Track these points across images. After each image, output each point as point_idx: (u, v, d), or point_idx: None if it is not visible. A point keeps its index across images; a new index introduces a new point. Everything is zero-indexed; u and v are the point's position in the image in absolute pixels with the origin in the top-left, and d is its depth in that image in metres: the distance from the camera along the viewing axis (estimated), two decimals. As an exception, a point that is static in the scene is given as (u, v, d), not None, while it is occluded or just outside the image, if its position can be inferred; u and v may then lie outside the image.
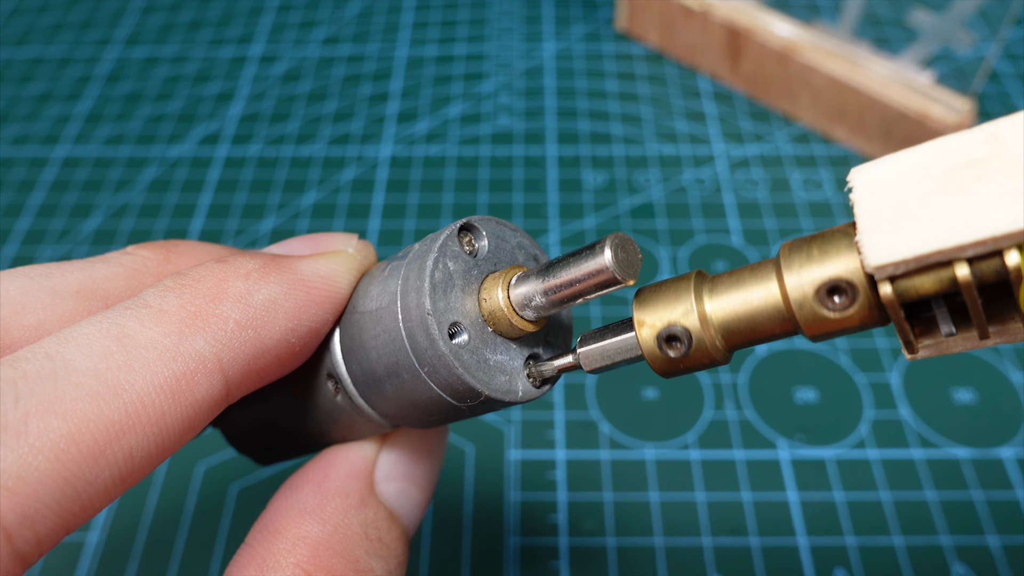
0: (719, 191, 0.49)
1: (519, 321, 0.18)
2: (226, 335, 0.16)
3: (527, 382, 0.18)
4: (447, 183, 0.50)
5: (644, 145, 0.52)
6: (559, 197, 0.49)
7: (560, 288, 0.17)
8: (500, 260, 0.19)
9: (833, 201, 0.48)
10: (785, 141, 0.52)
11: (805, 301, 0.14)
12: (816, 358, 0.41)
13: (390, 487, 0.20)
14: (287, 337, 0.17)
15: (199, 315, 0.16)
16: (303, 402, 0.21)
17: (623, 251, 0.16)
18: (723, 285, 0.15)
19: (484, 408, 0.18)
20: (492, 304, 0.18)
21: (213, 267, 0.17)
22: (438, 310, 0.17)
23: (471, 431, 0.39)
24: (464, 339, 0.17)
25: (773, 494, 0.36)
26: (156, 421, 0.15)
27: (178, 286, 0.16)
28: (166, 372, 0.15)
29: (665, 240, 0.46)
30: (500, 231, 0.19)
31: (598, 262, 0.16)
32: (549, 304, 0.17)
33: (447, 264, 0.17)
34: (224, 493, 0.37)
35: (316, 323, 0.18)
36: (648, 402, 0.39)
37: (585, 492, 0.36)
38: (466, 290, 0.18)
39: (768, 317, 0.15)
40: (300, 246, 0.21)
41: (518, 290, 0.17)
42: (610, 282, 0.16)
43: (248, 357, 0.17)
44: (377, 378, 0.18)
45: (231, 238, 0.48)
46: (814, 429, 0.38)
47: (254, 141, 0.54)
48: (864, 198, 0.14)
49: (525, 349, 0.19)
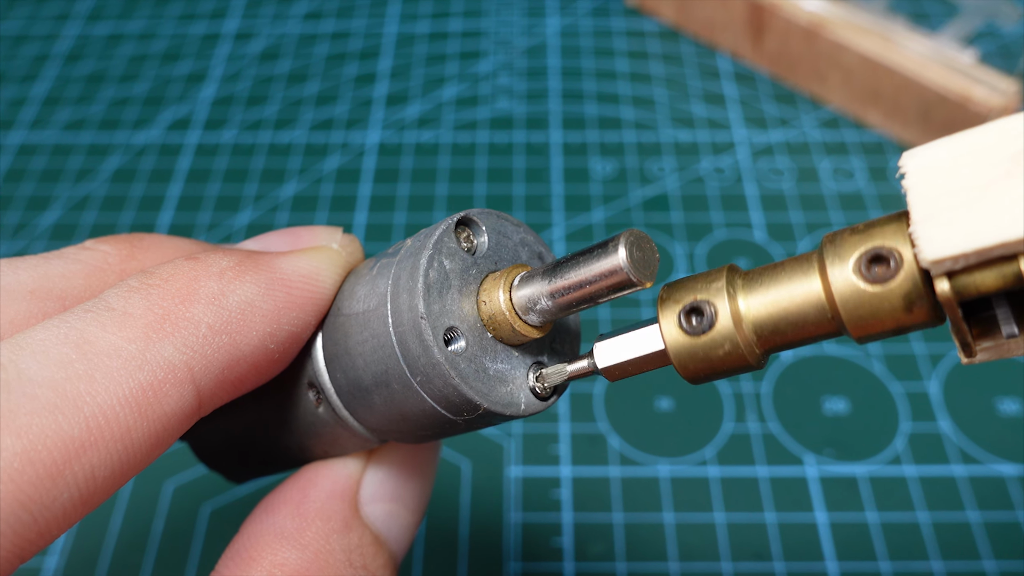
0: (740, 181, 0.49)
1: (522, 326, 0.18)
2: (197, 341, 0.16)
3: (530, 393, 0.18)
4: (441, 172, 0.50)
5: (658, 131, 0.52)
6: (564, 188, 0.49)
7: (568, 290, 0.17)
8: (501, 258, 0.19)
9: (866, 192, 0.48)
10: (813, 126, 0.52)
11: (851, 295, 0.14)
12: (847, 365, 0.41)
13: (377, 509, 0.20)
14: (265, 343, 0.17)
15: (167, 318, 0.16)
16: (282, 414, 0.21)
17: (639, 250, 0.16)
18: (758, 280, 0.15)
19: (483, 422, 0.18)
20: (492, 307, 0.18)
21: (183, 265, 0.17)
22: (432, 313, 0.17)
23: (467, 446, 0.39)
24: (461, 345, 0.17)
25: (800, 515, 0.36)
26: (120, 437, 0.15)
27: (144, 286, 0.16)
28: (131, 382, 0.15)
29: (681, 235, 0.46)
30: (501, 226, 0.19)
31: (611, 262, 0.16)
32: (556, 308, 0.17)
33: (443, 262, 0.17)
34: (195, 514, 0.37)
35: (297, 327, 0.18)
36: (662, 414, 0.39)
37: (593, 513, 0.36)
38: (464, 291, 0.18)
39: (809, 315, 0.15)
40: (279, 241, 0.21)
41: (521, 292, 0.17)
42: (624, 284, 0.16)
43: (222, 365, 0.17)
44: (364, 388, 0.18)
45: (203, 233, 0.48)
46: (845, 443, 0.38)
47: (228, 126, 0.54)
48: (918, 185, 0.14)
49: (528, 357, 0.19)
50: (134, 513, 0.37)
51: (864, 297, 0.14)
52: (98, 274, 0.18)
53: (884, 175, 0.49)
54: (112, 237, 0.20)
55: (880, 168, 0.49)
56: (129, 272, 0.19)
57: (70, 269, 0.18)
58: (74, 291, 0.18)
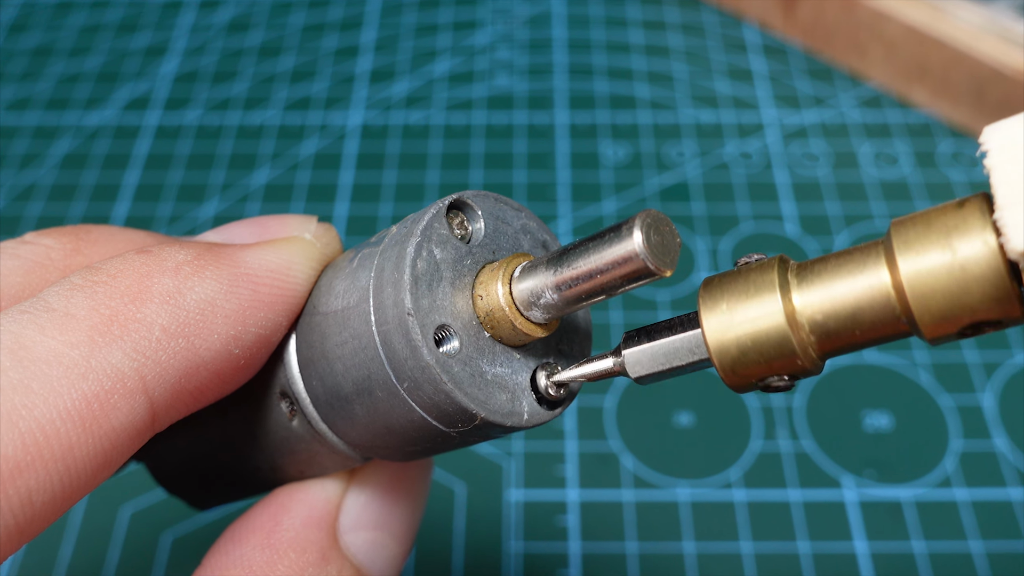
0: (770, 168, 0.49)
1: (524, 324, 0.18)
2: (150, 345, 0.16)
3: (534, 401, 0.18)
4: (432, 158, 0.50)
5: (676, 111, 0.52)
6: (571, 176, 0.49)
7: (577, 281, 0.17)
8: (500, 247, 0.19)
9: (912, 180, 0.48)
10: (851, 106, 0.52)
11: (924, 290, 0.14)
12: (890, 375, 0.41)
13: (359, 538, 0.20)
14: (228, 347, 0.17)
15: (115, 320, 0.16)
16: (250, 429, 0.21)
17: (657, 233, 0.16)
18: (815, 273, 0.15)
19: (480, 435, 0.18)
20: (490, 302, 0.18)
21: (133, 259, 0.17)
22: (421, 309, 0.17)
23: (461, 466, 0.39)
24: (454, 346, 0.17)
25: (837, 544, 0.36)
26: (62, 456, 0.14)
27: (89, 283, 0.16)
28: (74, 393, 0.15)
29: (703, 229, 0.46)
30: (500, 210, 0.19)
31: (625, 247, 0.16)
32: (563, 302, 0.17)
33: (433, 251, 0.17)
34: (154, 543, 0.37)
35: (265, 329, 0.18)
36: (681, 430, 0.39)
37: (603, 542, 0.36)
38: (457, 284, 0.18)
39: (875, 313, 0.15)
40: (244, 232, 0.21)
41: (523, 284, 0.17)
42: (641, 273, 0.16)
43: (179, 373, 0.16)
44: (343, 397, 0.18)
45: (163, 226, 0.48)
46: (888, 464, 0.38)
47: (192, 106, 0.54)
48: (1004, 164, 0.14)
49: (532, 360, 0.18)
50: (86, 542, 0.37)
51: (939, 292, 0.14)
52: (38, 271, 0.18)
53: (932, 160, 0.49)
54: (55, 229, 0.20)
55: (927, 153, 0.49)
56: (74, 268, 0.19)
57: (6, 266, 0.18)
58: (10, 290, 0.18)
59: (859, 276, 0.15)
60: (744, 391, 0.16)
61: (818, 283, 0.15)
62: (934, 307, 0.14)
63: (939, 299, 0.14)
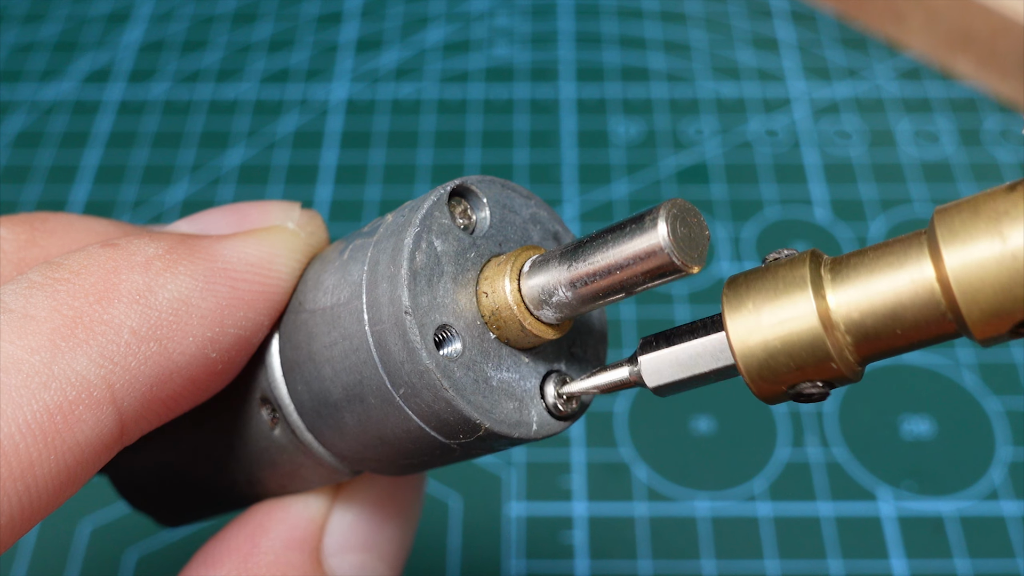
0: (798, 147, 0.49)
1: (534, 324, 0.18)
2: (119, 350, 0.16)
3: (544, 410, 0.18)
4: (424, 136, 0.50)
5: (695, 84, 0.52)
6: (578, 155, 0.49)
7: (593, 278, 0.17)
8: (507, 239, 0.19)
9: (955, 160, 0.48)
10: (889, 78, 0.52)
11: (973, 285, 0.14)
12: (931, 376, 0.41)
13: (345, 561, 0.20)
14: (204, 351, 0.17)
15: (80, 322, 0.16)
16: (226, 439, 0.21)
17: (684, 225, 0.16)
18: (851, 268, 0.15)
19: (483, 447, 0.18)
20: (497, 300, 0.18)
21: (98, 253, 0.17)
22: (420, 307, 0.17)
23: (457, 477, 0.39)
24: (456, 348, 0.17)
25: (873, 563, 0.36)
26: (21, 474, 0.14)
27: (50, 281, 0.16)
28: (35, 404, 0.15)
29: (724, 214, 0.46)
30: (507, 198, 0.19)
31: (649, 241, 0.16)
32: (577, 300, 0.17)
33: (433, 243, 0.17)
34: (117, 562, 0.37)
35: (246, 329, 0.18)
36: (700, 437, 0.39)
37: (614, 561, 0.36)
38: (459, 280, 0.18)
39: (919, 311, 0.14)
40: (221, 222, 0.20)
41: (534, 280, 0.17)
42: (665, 269, 0.16)
43: (150, 381, 0.16)
44: (332, 404, 0.18)
45: (127, 211, 0.47)
46: (929, 474, 0.38)
47: (159, 78, 0.54)
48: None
49: (541, 364, 0.18)
50: (42, 560, 0.37)
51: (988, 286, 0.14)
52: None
53: (978, 138, 0.49)
54: (8, 218, 0.19)
55: (972, 130, 0.49)
56: (30, 263, 0.19)
57: None
58: None
59: (900, 270, 0.15)
60: (775, 401, 0.16)
61: (855, 279, 0.15)
62: (984, 302, 0.14)
63: (989, 293, 0.14)
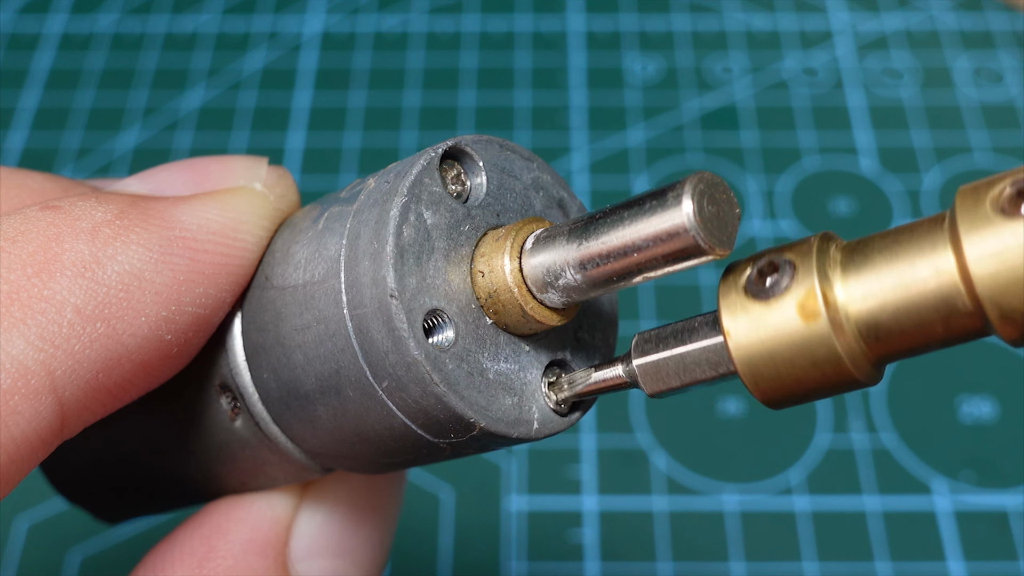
0: (840, 88, 0.49)
1: (537, 309, 0.18)
2: (61, 331, 0.16)
3: (547, 406, 0.18)
4: (411, 75, 0.50)
5: (722, 15, 0.52)
6: (587, 97, 0.49)
7: (607, 259, 0.17)
8: (506, 208, 0.19)
9: (1021, 103, 0.48)
10: (944, 8, 0.51)
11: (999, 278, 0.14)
12: (992, 353, 0.41)
13: (315, 567, 0.21)
14: (158, 332, 0.18)
15: (16, 299, 0.16)
16: (180, 429, 0.21)
17: (712, 203, 0.16)
18: (864, 256, 0.15)
19: (477, 446, 0.18)
20: (494, 280, 0.18)
21: (38, 218, 0.17)
22: (407, 289, 0.17)
23: (448, 466, 0.39)
24: (448, 336, 0.17)
25: (927, 565, 0.36)
26: None
27: None
28: None
29: (755, 165, 0.46)
30: (507, 161, 0.19)
31: (672, 219, 0.16)
32: (587, 283, 0.17)
33: (423, 214, 0.17)
34: (59, 562, 0.37)
35: (205, 307, 0.18)
36: (728, 420, 0.39)
37: (629, 563, 0.36)
38: (452, 257, 0.18)
39: (936, 308, 0.15)
40: (177, 180, 0.21)
41: (537, 259, 0.17)
42: (690, 252, 0.16)
43: (96, 366, 0.17)
44: (303, 395, 0.19)
45: (69, 161, 0.47)
46: (990, 463, 0.38)
47: (106, 8, 0.53)
48: None
49: (544, 353, 0.19)
50: (-27, 561, 0.37)
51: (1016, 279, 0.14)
52: None
53: (1047, 78, 0.49)
54: None
55: (1042, 69, 0.49)
56: None
57: None
58: None
59: (917, 260, 0.15)
60: (782, 407, 0.16)
61: (867, 270, 0.15)
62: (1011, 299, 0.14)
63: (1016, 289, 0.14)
